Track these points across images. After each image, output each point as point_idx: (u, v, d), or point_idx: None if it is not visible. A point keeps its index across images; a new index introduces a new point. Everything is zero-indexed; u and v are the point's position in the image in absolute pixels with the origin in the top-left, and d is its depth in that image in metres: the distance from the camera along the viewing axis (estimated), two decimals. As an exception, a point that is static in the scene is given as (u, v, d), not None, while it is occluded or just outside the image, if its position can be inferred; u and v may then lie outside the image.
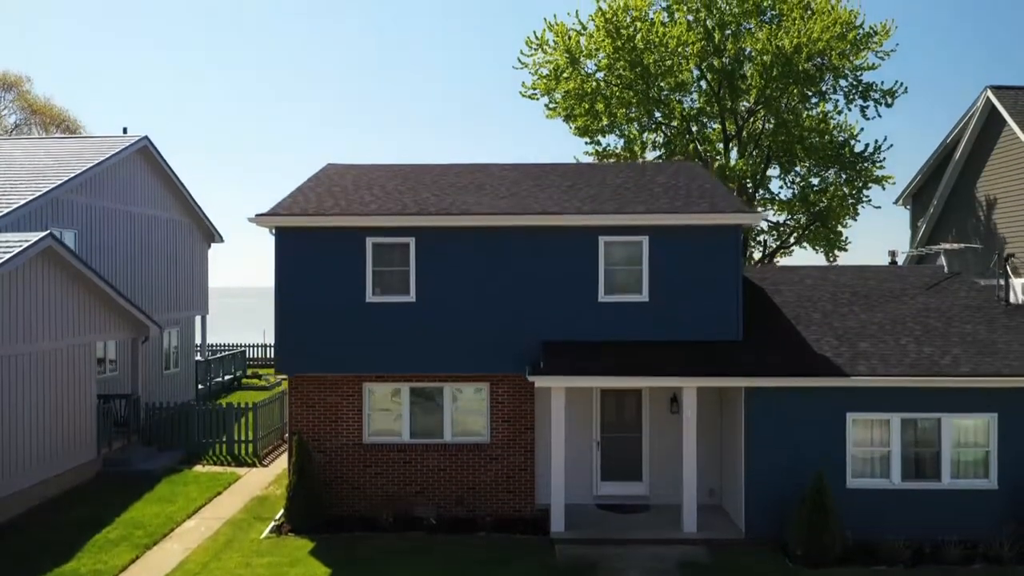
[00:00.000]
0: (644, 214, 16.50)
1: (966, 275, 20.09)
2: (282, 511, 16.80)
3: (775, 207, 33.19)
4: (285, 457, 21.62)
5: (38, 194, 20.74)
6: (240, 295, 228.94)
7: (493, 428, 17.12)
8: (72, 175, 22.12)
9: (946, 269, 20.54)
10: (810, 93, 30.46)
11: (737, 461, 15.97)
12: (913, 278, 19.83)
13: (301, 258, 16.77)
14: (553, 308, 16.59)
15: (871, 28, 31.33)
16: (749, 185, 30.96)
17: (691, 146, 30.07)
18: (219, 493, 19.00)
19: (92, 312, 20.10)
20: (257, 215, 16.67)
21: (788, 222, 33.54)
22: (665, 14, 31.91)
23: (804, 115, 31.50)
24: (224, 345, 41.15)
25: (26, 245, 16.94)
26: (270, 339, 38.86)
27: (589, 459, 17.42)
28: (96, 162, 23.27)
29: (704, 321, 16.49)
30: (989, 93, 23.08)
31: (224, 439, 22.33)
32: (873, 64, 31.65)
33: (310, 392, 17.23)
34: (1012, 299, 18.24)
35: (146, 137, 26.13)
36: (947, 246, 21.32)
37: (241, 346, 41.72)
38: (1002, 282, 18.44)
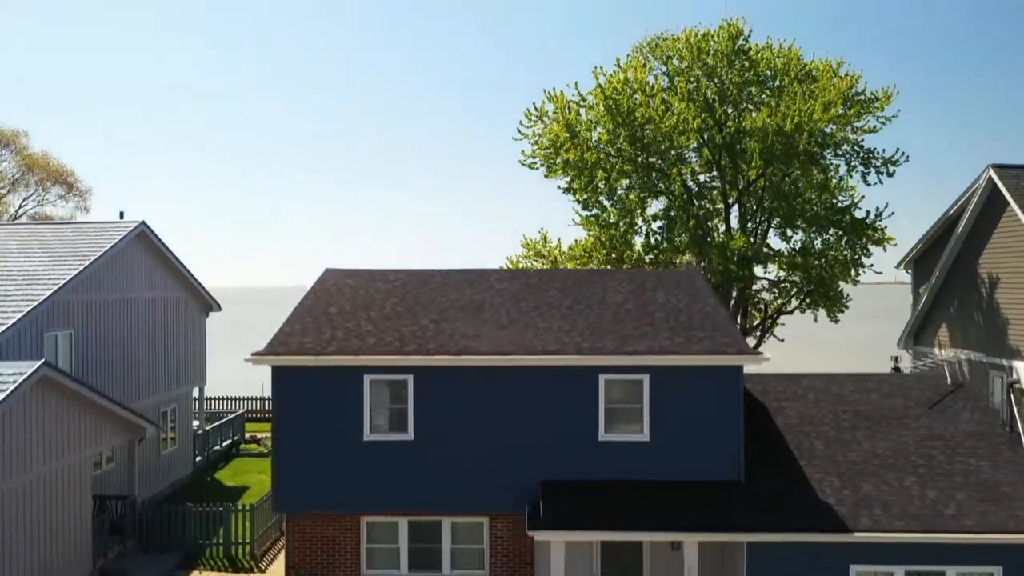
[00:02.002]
0: (645, 354, 16.35)
1: (967, 387, 19.93)
2: (279, 651, 16.68)
3: (776, 264, 32.95)
4: (283, 557, 21.42)
5: (35, 304, 20.53)
6: (243, 299, 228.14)
7: (492, 562, 17.00)
8: (68, 277, 21.90)
9: (948, 380, 20.39)
10: (811, 167, 30.29)
11: (739, 606, 15.82)
12: (916, 392, 19.68)
13: (299, 395, 16.65)
14: (553, 447, 16.48)
15: (872, 94, 31.16)
16: (749, 253, 30.72)
17: (691, 222, 29.88)
18: (216, 615, 18.86)
19: (88, 426, 19.87)
20: (254, 354, 16.54)
21: (790, 279, 33.31)
22: (665, 79, 31.70)
23: (805, 182, 31.31)
24: (222, 399, 40.97)
25: (20, 380, 16.70)
26: (267, 391, 38.62)
27: (589, 594, 17.27)
28: (92, 259, 23.04)
29: (706, 461, 16.38)
30: (991, 172, 22.85)
31: (221, 541, 22.15)
32: (874, 127, 31.45)
33: (308, 526, 17.11)
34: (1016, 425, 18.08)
35: (143, 222, 25.91)
36: (948, 355, 21.17)
37: (240, 398, 41.55)
38: (1006, 407, 18.30)
